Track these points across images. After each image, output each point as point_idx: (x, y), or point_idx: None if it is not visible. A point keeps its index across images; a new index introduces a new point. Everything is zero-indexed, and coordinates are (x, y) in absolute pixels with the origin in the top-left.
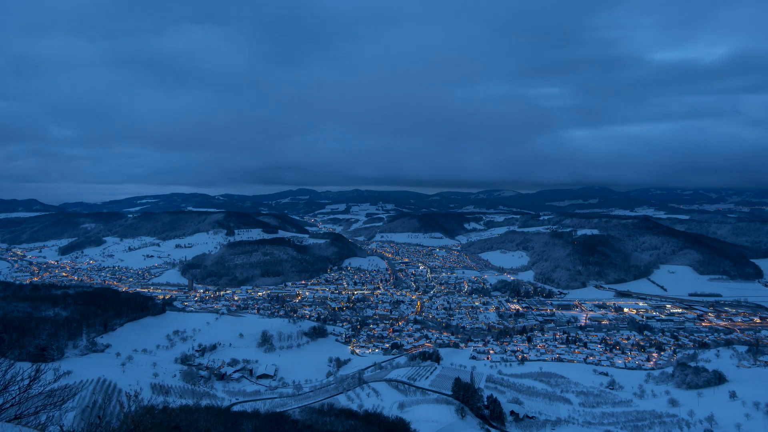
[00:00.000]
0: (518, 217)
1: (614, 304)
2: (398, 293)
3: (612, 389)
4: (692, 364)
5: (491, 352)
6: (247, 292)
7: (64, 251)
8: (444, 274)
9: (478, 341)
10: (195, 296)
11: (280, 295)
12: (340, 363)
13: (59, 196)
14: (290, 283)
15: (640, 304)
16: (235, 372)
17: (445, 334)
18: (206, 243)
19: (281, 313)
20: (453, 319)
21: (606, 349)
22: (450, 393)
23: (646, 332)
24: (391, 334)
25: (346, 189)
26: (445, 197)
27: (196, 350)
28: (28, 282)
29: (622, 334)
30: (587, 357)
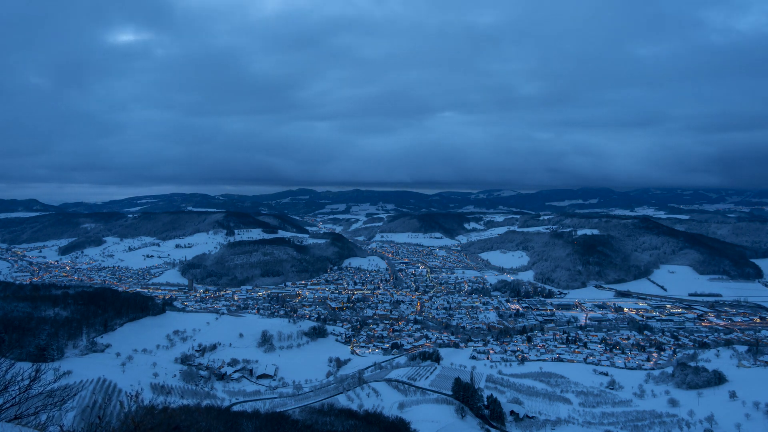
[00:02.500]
0: (518, 217)
1: (614, 304)
2: (398, 293)
3: (612, 389)
4: (692, 364)
5: (491, 352)
6: (247, 292)
7: (64, 251)
8: (444, 274)
9: (478, 341)
10: (195, 296)
11: (280, 295)
12: (340, 363)
13: (59, 196)
14: (290, 283)
15: (640, 304)
16: (235, 372)
17: (445, 334)
18: (206, 243)
19: (281, 313)
20: (453, 319)
21: (606, 349)
22: (450, 393)
23: (646, 332)
24: (391, 334)
25: (346, 189)
26: (445, 197)
27: (196, 350)
28: (28, 282)
29: (622, 334)
30: (587, 357)
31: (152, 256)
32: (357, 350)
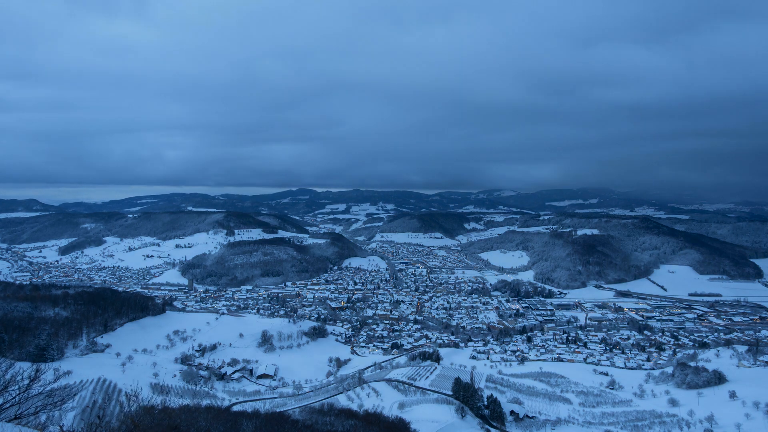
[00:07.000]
0: (518, 217)
1: (614, 303)
2: (398, 293)
3: (612, 389)
4: (692, 363)
5: (491, 352)
6: (247, 292)
7: (64, 251)
8: (444, 274)
9: (478, 341)
10: (195, 296)
11: (280, 295)
12: (340, 363)
13: (59, 196)
14: (290, 283)
15: (640, 304)
16: (235, 372)
17: (445, 334)
18: (206, 243)
19: (281, 313)
20: (453, 319)
21: (606, 349)
22: (450, 393)
23: (646, 332)
24: (391, 334)
25: (346, 189)
26: (445, 197)
27: (196, 350)
28: (28, 282)
29: (622, 334)
30: (587, 357)
31: (152, 256)
32: (357, 350)
